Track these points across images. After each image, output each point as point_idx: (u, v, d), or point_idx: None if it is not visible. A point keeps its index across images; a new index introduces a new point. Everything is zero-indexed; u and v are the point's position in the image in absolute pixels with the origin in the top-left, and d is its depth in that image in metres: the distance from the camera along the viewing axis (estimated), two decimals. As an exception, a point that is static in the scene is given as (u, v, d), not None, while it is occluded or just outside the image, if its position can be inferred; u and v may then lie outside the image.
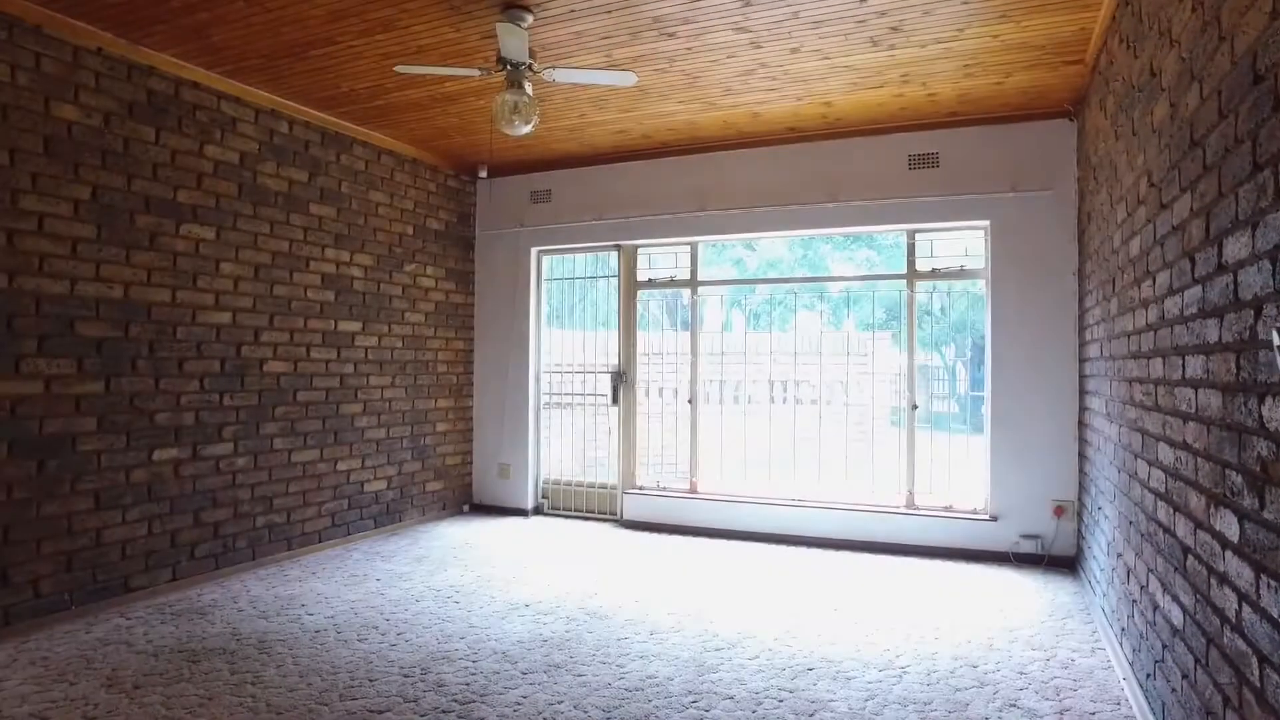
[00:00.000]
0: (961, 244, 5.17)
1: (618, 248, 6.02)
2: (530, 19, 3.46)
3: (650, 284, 6.04)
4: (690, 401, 5.90)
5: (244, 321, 4.49)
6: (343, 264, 5.21)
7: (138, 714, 2.63)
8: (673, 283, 5.97)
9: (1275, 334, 1.46)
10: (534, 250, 6.28)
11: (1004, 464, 4.80)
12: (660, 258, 6.03)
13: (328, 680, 2.93)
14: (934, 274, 5.17)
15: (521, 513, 6.18)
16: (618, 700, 2.79)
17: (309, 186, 4.95)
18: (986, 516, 4.84)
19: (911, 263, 5.21)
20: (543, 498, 6.28)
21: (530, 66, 3.52)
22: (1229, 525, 1.74)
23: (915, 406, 5.16)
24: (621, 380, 5.99)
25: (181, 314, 4.12)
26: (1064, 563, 4.60)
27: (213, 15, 3.53)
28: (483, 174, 6.24)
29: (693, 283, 5.85)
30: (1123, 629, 3.00)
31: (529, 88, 3.57)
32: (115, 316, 3.78)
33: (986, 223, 4.90)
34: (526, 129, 3.53)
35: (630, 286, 6.03)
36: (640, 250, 6.05)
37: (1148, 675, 2.55)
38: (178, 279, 4.10)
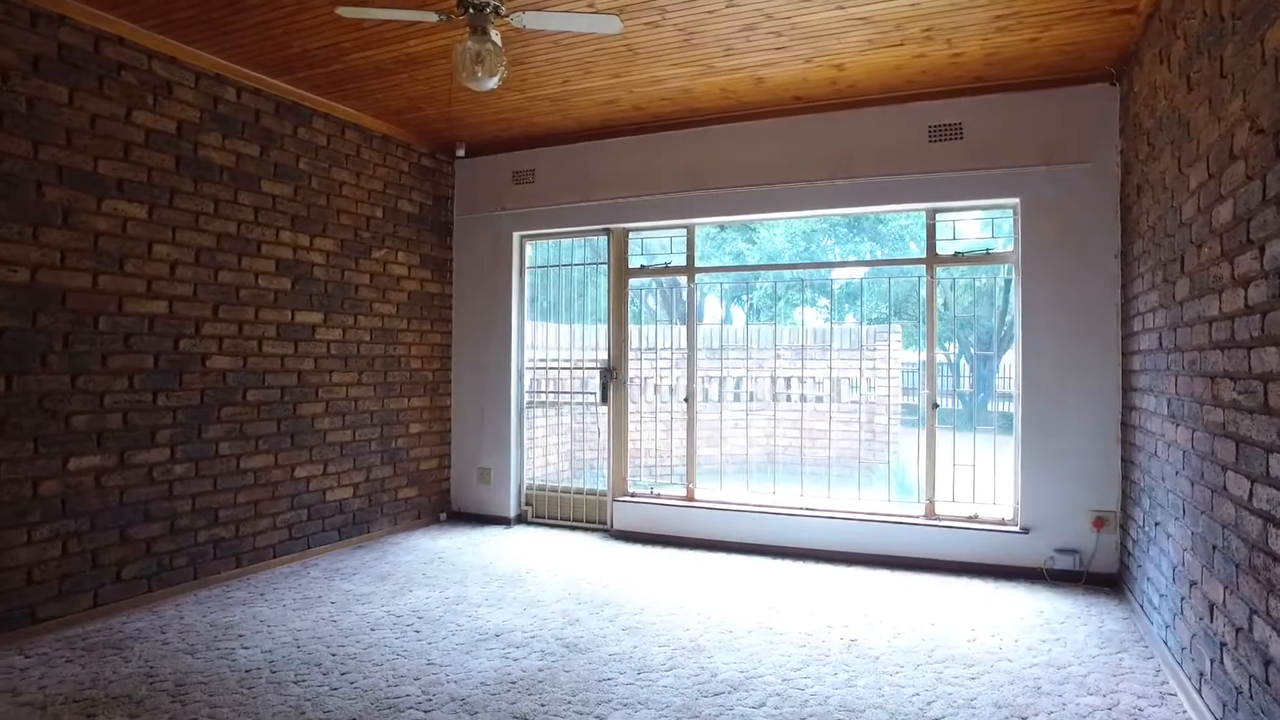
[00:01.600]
0: (988, 224, 4.67)
1: (607, 232, 5.50)
2: (496, -47, 2.95)
3: (643, 271, 5.53)
4: (687, 400, 5.39)
5: (182, 311, 3.98)
6: (301, 249, 4.70)
7: (-1, 790, 2.13)
8: (667, 270, 5.46)
9: None
10: (516, 235, 5.77)
11: (1036, 469, 4.29)
12: (654, 242, 5.53)
13: (245, 740, 2.43)
14: (956, 258, 4.66)
15: (503, 522, 5.68)
16: (595, 766, 2.29)
17: (261, 162, 4.43)
18: (1016, 528, 4.34)
19: (931, 246, 4.70)
20: (526, 505, 5.78)
21: (496, 9, 3.01)
22: None
23: (936, 405, 4.65)
24: (611, 377, 5.48)
25: (105, 302, 3.61)
26: (1105, 580, 4.10)
27: (124, -50, 3.02)
28: (460, 153, 5.73)
29: (689, 269, 5.34)
30: (1202, 674, 2.50)
31: (495, 35, 3.05)
32: (18, 304, 3.27)
33: (1016, 200, 4.40)
34: (491, 83, 3.02)
35: (621, 274, 5.52)
36: (632, 235, 5.54)
37: (1253, 743, 2.05)
38: (100, 262, 3.59)
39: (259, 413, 4.41)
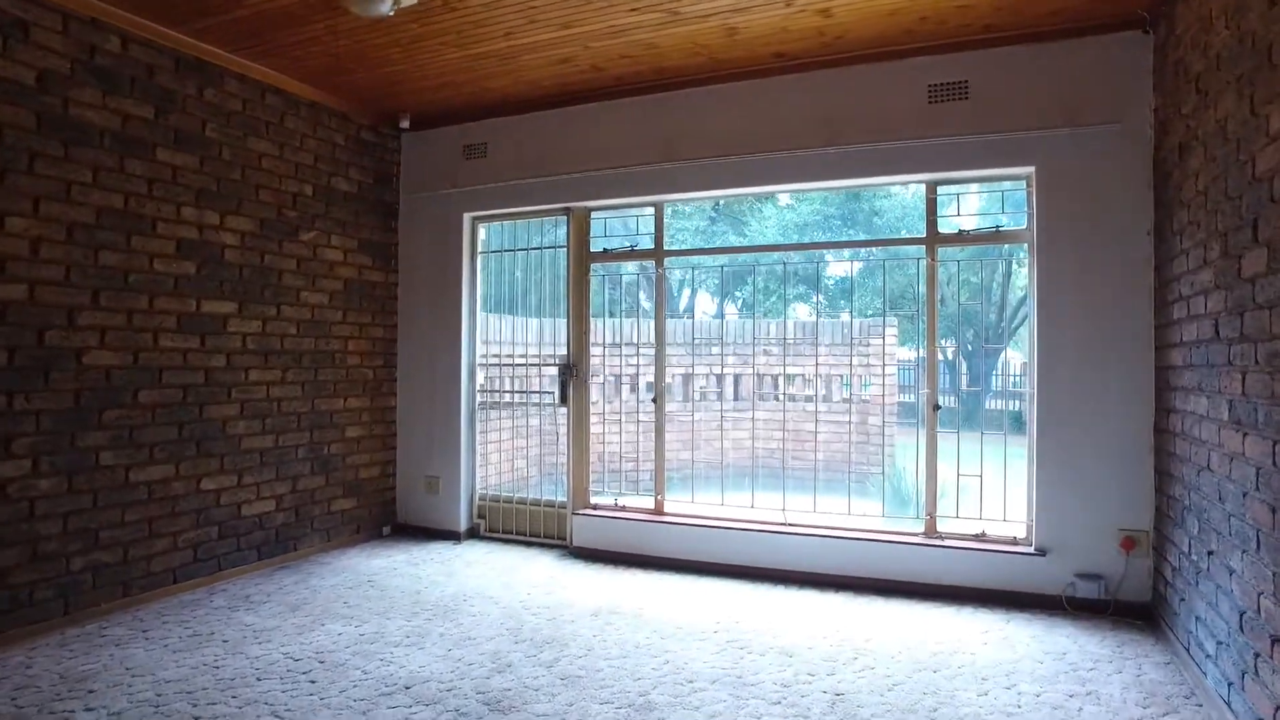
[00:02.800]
0: (997, 199, 4.07)
1: (567, 211, 4.89)
2: None
3: (606, 255, 4.91)
4: (655, 400, 4.78)
5: (48, 298, 3.36)
6: (209, 228, 4.08)
7: None
8: (633, 253, 4.84)
9: None
10: (467, 217, 5.15)
11: (1053, 481, 3.70)
12: (627, 222, 4.91)
13: None
14: (961, 237, 4.06)
15: (452, 536, 5.07)
16: None
17: (156, 126, 3.81)
18: (1031, 549, 3.75)
19: (932, 223, 4.09)
20: (479, 517, 5.16)
21: (389, -88, 2.40)
22: None
23: (938, 406, 4.05)
24: (571, 375, 4.87)
25: (-62, 285, 3.00)
26: (1136, 611, 3.50)
27: None
28: (404, 124, 5.11)
29: (657, 253, 4.72)
30: (1293, 763, 1.91)
31: (391, -52, 2.45)
32: None
33: (1030, 169, 3.80)
34: (383, 8, 2.42)
35: (581, 259, 4.90)
36: (595, 214, 4.93)
37: None
38: (-70, 236, 2.97)
39: (154, 416, 3.80)
